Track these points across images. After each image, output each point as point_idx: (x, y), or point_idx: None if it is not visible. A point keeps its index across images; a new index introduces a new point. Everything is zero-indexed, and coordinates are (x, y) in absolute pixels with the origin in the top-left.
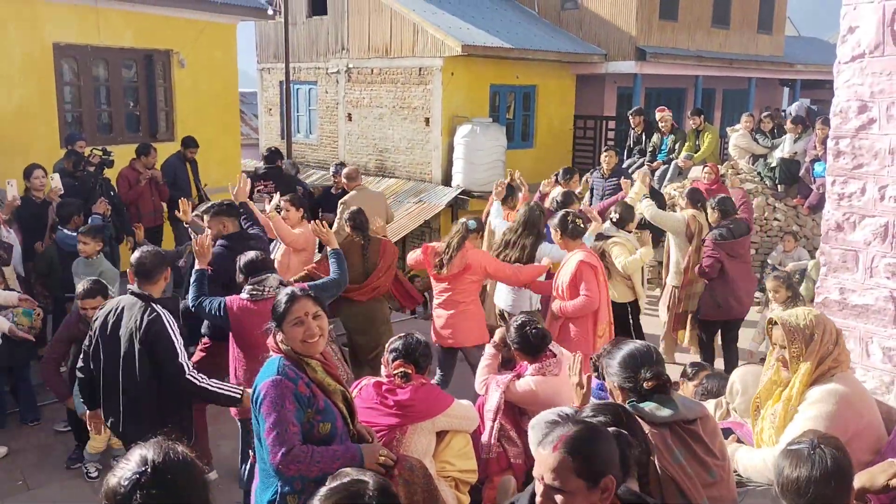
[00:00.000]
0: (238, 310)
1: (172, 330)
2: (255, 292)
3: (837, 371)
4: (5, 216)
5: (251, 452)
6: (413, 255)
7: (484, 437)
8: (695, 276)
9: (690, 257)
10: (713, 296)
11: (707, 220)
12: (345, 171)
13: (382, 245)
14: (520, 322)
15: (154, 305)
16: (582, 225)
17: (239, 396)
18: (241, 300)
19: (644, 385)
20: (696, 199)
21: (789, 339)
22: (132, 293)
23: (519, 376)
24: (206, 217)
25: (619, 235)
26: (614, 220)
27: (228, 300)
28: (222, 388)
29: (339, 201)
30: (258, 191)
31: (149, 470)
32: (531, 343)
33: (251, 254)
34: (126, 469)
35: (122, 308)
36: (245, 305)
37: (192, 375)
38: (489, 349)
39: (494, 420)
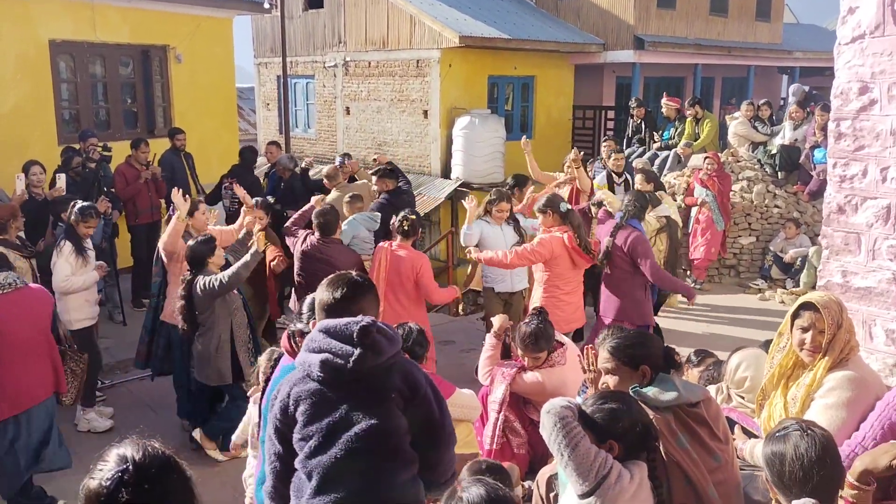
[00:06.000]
0: None
1: None
2: None
3: (851, 355)
4: None
5: None
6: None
7: (488, 429)
8: None
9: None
10: None
11: None
12: (325, 170)
13: None
14: (529, 328)
15: None
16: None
17: None
18: None
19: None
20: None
21: (829, 324)
22: None
23: (524, 368)
24: (374, 178)
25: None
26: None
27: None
28: None
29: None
30: (224, 187)
31: (130, 467)
32: (541, 347)
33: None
34: (106, 470)
35: None
36: None
37: None
38: (490, 339)
39: (499, 412)
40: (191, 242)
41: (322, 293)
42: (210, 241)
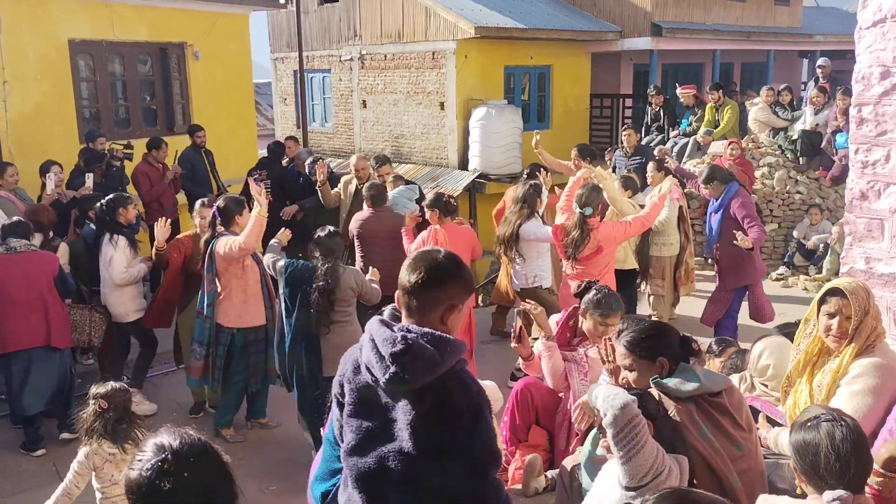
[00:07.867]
0: None
1: None
2: None
3: (877, 342)
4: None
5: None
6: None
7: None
8: None
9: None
10: None
11: None
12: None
13: None
14: (595, 296)
15: None
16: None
17: None
18: None
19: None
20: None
21: (855, 310)
22: None
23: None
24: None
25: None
26: None
27: None
28: None
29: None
30: (254, 178)
31: (169, 456)
32: (614, 308)
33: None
34: (145, 460)
35: None
36: None
37: None
38: (543, 342)
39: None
40: (321, 235)
41: (401, 273)
42: (337, 233)
